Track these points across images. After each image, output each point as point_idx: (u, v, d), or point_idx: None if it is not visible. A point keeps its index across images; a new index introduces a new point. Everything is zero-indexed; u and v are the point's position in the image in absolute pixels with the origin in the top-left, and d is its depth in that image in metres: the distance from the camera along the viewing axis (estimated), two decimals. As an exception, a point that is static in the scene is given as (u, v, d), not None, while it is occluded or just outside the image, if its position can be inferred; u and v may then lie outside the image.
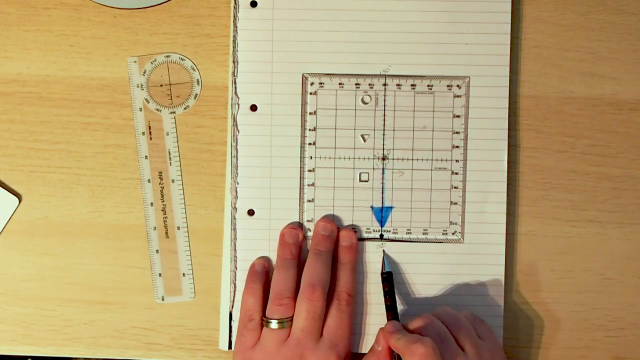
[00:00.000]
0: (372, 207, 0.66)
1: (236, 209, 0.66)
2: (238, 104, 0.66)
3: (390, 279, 0.64)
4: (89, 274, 0.67)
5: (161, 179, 0.67)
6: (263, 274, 0.65)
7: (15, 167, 0.67)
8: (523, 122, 0.67)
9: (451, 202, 0.66)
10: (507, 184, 0.66)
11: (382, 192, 0.66)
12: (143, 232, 0.67)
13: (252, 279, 0.65)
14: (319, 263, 0.63)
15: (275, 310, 0.63)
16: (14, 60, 0.67)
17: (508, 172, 0.66)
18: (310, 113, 0.66)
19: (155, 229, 0.67)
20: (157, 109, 0.67)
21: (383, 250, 0.65)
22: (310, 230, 0.66)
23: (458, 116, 0.66)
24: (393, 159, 0.66)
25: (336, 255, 0.65)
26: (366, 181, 0.66)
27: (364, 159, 0.66)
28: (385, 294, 0.63)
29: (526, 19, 0.67)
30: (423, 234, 0.66)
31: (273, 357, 0.62)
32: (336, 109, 0.66)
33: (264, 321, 0.63)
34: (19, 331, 0.67)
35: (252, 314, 0.63)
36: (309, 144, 0.66)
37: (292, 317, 0.62)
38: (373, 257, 0.66)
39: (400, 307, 0.65)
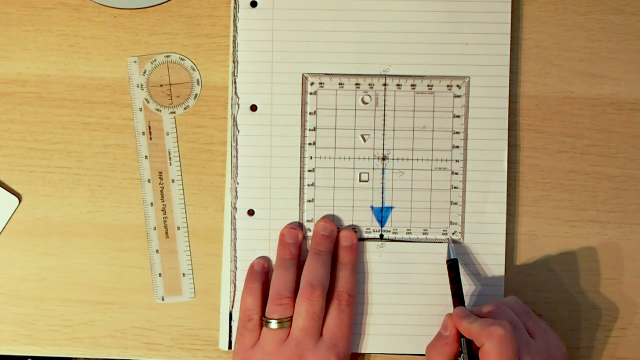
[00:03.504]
0: (372, 207, 0.66)
1: (236, 209, 0.66)
2: (238, 104, 0.66)
3: (455, 266, 0.63)
4: (89, 274, 0.67)
5: (161, 179, 0.67)
6: (262, 274, 0.65)
7: (15, 167, 0.67)
8: (523, 122, 0.67)
9: (451, 202, 0.66)
10: (507, 184, 0.66)
11: (382, 192, 0.66)
12: (143, 232, 0.67)
13: (251, 279, 0.65)
14: (319, 263, 0.63)
15: (274, 310, 0.63)
16: (14, 60, 0.67)
17: (508, 172, 0.66)
18: (310, 113, 0.66)
19: (155, 229, 0.67)
20: (157, 109, 0.67)
21: (449, 239, 0.65)
22: (310, 230, 0.66)
23: (458, 116, 0.66)
24: (393, 159, 0.66)
25: (336, 256, 0.65)
26: (366, 181, 0.66)
27: (364, 159, 0.66)
28: (451, 280, 0.63)
29: (526, 19, 0.67)
30: (423, 234, 0.66)
31: (272, 357, 0.62)
32: (336, 109, 0.66)
33: (264, 321, 0.63)
34: (19, 331, 0.67)
35: (252, 313, 0.63)
36: (309, 144, 0.66)
37: (292, 317, 0.62)
38: (373, 257, 0.66)
39: (399, 305, 0.65)
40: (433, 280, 0.66)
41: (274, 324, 0.62)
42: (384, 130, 0.66)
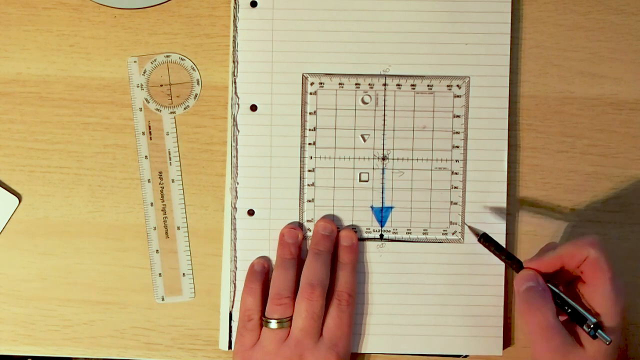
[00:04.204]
0: (372, 207, 0.66)
1: (236, 209, 0.66)
2: (238, 104, 0.66)
3: (489, 238, 0.63)
4: (89, 274, 0.67)
5: (161, 179, 0.67)
6: (262, 273, 0.65)
7: (15, 167, 0.67)
8: (523, 122, 0.67)
9: (451, 202, 0.66)
10: (507, 184, 0.66)
11: (382, 192, 0.66)
12: (143, 232, 0.67)
13: (251, 279, 0.65)
14: (318, 263, 0.63)
15: (274, 310, 0.63)
16: (14, 60, 0.67)
17: (508, 172, 0.66)
18: (310, 113, 0.66)
19: (155, 229, 0.67)
20: (157, 109, 0.67)
21: (464, 222, 0.65)
22: (310, 230, 0.66)
23: (458, 116, 0.66)
24: (393, 159, 0.66)
25: (336, 255, 0.65)
26: (366, 181, 0.66)
27: (364, 159, 0.66)
28: (496, 251, 0.62)
29: (526, 19, 0.67)
30: (423, 234, 0.66)
31: (272, 357, 0.62)
32: (336, 109, 0.66)
33: (264, 321, 0.63)
34: (19, 331, 0.67)
35: (252, 313, 0.63)
36: (309, 144, 0.66)
37: (292, 317, 0.62)
38: (373, 257, 0.66)
39: (399, 305, 0.65)
40: (433, 280, 0.66)
41: (273, 324, 0.62)
42: (384, 130, 0.66)
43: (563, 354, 0.58)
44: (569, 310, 0.58)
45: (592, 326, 0.57)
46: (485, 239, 0.63)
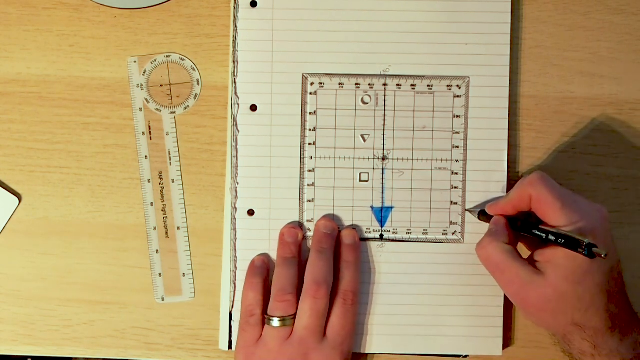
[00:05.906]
0: (372, 207, 0.66)
1: (236, 209, 0.66)
2: (238, 104, 0.66)
3: (484, 213, 0.64)
4: (89, 274, 0.67)
5: (161, 179, 0.67)
6: (263, 269, 0.65)
7: (15, 167, 0.67)
8: (523, 122, 0.67)
9: (451, 202, 0.66)
10: (507, 184, 0.66)
11: (382, 192, 0.66)
12: (143, 232, 0.67)
13: (252, 274, 0.65)
14: (322, 261, 0.63)
15: (277, 307, 0.62)
16: (14, 60, 0.67)
17: (508, 172, 0.66)
18: (310, 113, 0.66)
19: (155, 229, 0.67)
20: (157, 109, 0.67)
21: (465, 209, 0.66)
22: (310, 231, 0.66)
23: (458, 116, 0.66)
24: (393, 159, 0.66)
25: (339, 255, 0.65)
26: (366, 181, 0.66)
27: (364, 159, 0.66)
28: (488, 220, 0.64)
29: (526, 19, 0.67)
30: (423, 234, 0.66)
31: (276, 356, 0.62)
32: (336, 109, 0.66)
33: (266, 319, 0.63)
34: (19, 331, 0.67)
35: (254, 308, 0.63)
36: (309, 144, 0.66)
37: (294, 314, 0.62)
38: (373, 257, 0.66)
39: (399, 306, 0.65)
40: (433, 280, 0.66)
41: (276, 322, 0.62)
42: (384, 130, 0.66)
43: (520, 284, 0.59)
44: (562, 241, 0.58)
45: (584, 245, 0.56)
46: (482, 214, 0.65)
